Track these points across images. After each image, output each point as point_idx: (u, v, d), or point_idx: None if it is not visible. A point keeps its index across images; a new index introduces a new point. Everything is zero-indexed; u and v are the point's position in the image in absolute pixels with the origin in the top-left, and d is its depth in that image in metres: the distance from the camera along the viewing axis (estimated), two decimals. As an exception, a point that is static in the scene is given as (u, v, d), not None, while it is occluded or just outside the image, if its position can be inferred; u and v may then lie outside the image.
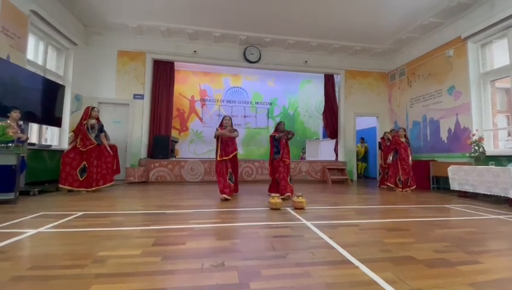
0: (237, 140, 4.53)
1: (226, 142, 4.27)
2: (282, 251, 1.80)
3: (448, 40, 6.11)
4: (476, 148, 4.85)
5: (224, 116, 4.44)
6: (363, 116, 8.49)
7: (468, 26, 5.57)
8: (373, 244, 2.00)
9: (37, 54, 5.35)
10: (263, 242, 2.00)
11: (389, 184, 5.77)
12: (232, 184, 4.21)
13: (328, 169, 7.41)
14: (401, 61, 7.71)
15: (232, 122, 4.41)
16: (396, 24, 6.35)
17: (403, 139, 5.76)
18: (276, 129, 4.81)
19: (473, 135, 5.12)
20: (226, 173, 4.19)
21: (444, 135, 6.17)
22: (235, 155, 4.34)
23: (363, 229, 2.44)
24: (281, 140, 4.62)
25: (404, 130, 5.96)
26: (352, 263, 1.61)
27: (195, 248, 1.86)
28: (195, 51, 7.25)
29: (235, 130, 4.38)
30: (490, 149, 5.18)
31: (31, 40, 5.05)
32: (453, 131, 5.96)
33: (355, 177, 8.00)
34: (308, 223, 2.56)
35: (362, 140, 9.66)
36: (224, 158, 4.19)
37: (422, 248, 1.93)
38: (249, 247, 1.90)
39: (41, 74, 5.18)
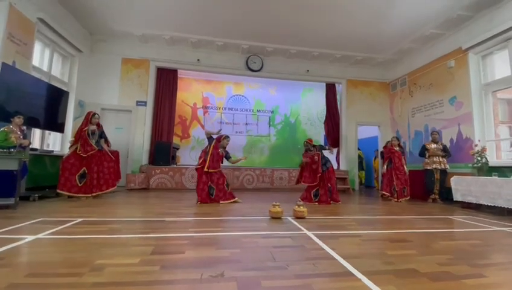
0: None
1: (214, 156, 4.56)
2: (283, 262, 1.77)
3: (449, 50, 6.15)
4: (479, 158, 4.82)
5: (227, 136, 4.84)
6: (365, 126, 8.49)
7: (468, 38, 5.62)
8: (375, 255, 1.97)
9: (43, 61, 5.42)
10: (263, 252, 1.97)
11: (383, 193, 5.73)
12: (212, 197, 4.50)
13: (330, 178, 7.36)
14: (402, 71, 7.76)
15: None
16: (397, 34, 6.42)
17: (397, 148, 5.74)
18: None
19: (476, 145, 5.09)
20: (206, 184, 4.50)
21: (446, 144, 6.12)
22: (217, 172, 4.67)
23: (365, 240, 2.41)
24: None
25: (398, 139, 5.94)
26: (355, 275, 1.58)
27: (194, 257, 1.83)
28: (198, 60, 7.34)
29: (227, 152, 4.85)
30: (493, 160, 5.14)
31: (37, 47, 5.13)
32: (455, 141, 5.94)
33: (357, 187, 7.95)
34: (310, 233, 2.53)
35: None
36: (210, 170, 4.53)
37: (425, 260, 1.89)
38: (249, 257, 1.87)
39: (47, 80, 5.24)
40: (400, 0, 5.13)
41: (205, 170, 4.49)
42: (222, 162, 4.82)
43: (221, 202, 4.51)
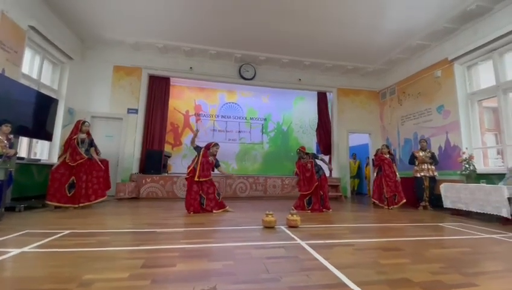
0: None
1: (204, 164, 4.50)
2: (276, 274, 1.74)
3: (436, 61, 6.35)
4: (467, 166, 4.93)
5: (216, 144, 4.78)
6: (356, 133, 8.61)
7: (454, 49, 5.81)
8: (369, 265, 1.97)
9: (33, 68, 5.33)
10: (256, 264, 1.94)
11: (373, 200, 5.77)
12: (203, 206, 4.44)
13: (322, 185, 7.38)
14: (391, 80, 7.95)
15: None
16: (386, 45, 6.60)
17: (387, 156, 5.82)
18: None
19: (463, 153, 5.21)
20: (198, 194, 4.44)
21: (435, 152, 6.24)
22: (208, 180, 4.57)
23: (358, 249, 2.41)
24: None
25: (387, 147, 6.03)
26: (348, 286, 1.57)
27: (186, 270, 1.79)
28: (191, 68, 7.35)
29: (217, 160, 4.81)
30: (480, 167, 5.26)
31: (27, 54, 5.04)
32: (443, 149, 6.07)
33: (349, 194, 7.99)
34: (303, 243, 2.51)
35: (354, 156, 9.72)
36: (202, 179, 4.44)
37: (418, 269, 1.90)
38: (241, 269, 1.84)
39: (36, 88, 5.14)
40: (388, 12, 5.30)
41: (196, 179, 4.43)
42: (213, 170, 4.76)
43: (214, 211, 4.45)
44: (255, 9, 5.32)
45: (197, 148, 4.66)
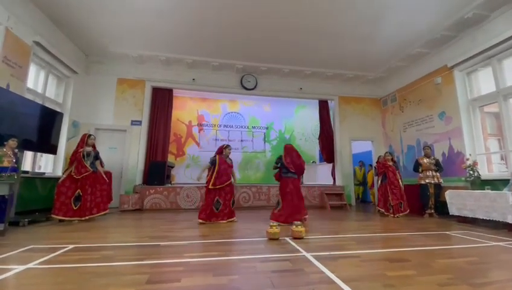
0: (235, 164, 5.11)
1: (221, 171, 4.55)
2: (282, 288, 1.73)
3: (436, 68, 6.38)
4: (471, 172, 4.90)
5: (228, 145, 4.89)
6: (358, 141, 8.59)
7: (453, 56, 5.85)
8: (375, 278, 1.94)
9: (37, 82, 5.42)
10: (262, 278, 1.92)
11: (378, 208, 5.72)
12: (216, 211, 4.50)
13: (326, 194, 7.34)
14: (392, 87, 7.98)
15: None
16: (385, 54, 6.66)
17: (391, 163, 5.79)
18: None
19: (467, 159, 5.18)
20: (212, 201, 4.49)
21: (438, 159, 6.21)
22: (229, 184, 4.65)
23: (364, 260, 2.38)
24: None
25: (391, 154, 6.00)
26: (355, 301, 1.55)
27: (190, 285, 1.78)
28: (193, 79, 7.44)
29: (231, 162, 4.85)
30: (485, 173, 5.23)
31: (32, 69, 5.14)
32: (447, 155, 6.04)
33: (353, 202, 7.93)
34: (308, 255, 2.49)
35: (361, 163, 9.65)
36: (217, 186, 4.52)
37: (425, 281, 1.88)
38: (247, 284, 1.83)
39: (41, 102, 5.23)
40: (385, 22, 5.37)
41: (211, 187, 4.48)
42: (232, 168, 4.79)
43: (222, 221, 4.50)
44: (255, 23, 5.42)
45: (212, 159, 4.70)
